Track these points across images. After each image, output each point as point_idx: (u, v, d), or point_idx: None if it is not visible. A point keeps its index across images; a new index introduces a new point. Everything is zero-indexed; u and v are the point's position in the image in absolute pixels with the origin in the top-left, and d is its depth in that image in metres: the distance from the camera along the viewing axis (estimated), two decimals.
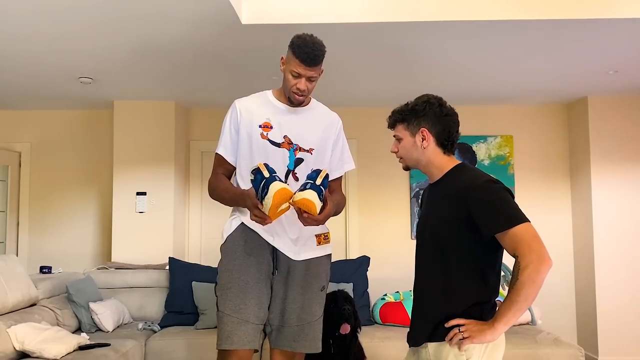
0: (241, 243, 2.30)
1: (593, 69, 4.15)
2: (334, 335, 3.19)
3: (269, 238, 2.29)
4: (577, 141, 5.21)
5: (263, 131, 2.30)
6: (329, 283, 2.46)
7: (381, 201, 5.34)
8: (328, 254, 2.44)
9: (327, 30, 3.27)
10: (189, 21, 3.11)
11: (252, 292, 2.25)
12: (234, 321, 2.23)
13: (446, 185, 1.91)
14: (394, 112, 2.00)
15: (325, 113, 2.47)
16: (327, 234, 2.40)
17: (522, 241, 1.71)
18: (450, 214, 1.83)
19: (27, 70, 4.05)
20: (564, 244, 5.28)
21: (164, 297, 4.50)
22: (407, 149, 1.97)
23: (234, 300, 2.24)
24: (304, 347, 2.32)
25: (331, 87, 4.48)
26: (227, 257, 2.32)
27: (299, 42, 2.21)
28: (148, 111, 5.05)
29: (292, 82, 2.25)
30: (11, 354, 3.18)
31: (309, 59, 2.19)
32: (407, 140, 1.96)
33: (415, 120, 1.94)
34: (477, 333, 1.72)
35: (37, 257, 5.22)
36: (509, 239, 1.73)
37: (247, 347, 2.23)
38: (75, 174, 5.42)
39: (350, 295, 3.44)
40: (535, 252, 1.68)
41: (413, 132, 1.95)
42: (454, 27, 3.25)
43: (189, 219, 5.37)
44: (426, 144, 1.93)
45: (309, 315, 2.32)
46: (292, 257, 2.31)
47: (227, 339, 2.23)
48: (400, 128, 1.98)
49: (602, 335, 4.84)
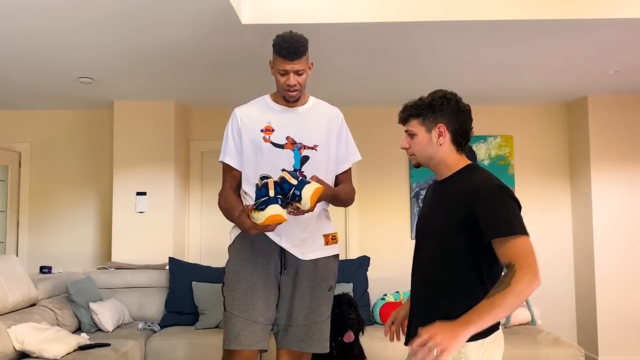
0: (248, 244, 2.31)
1: (593, 69, 4.15)
2: (337, 340, 3.18)
3: (276, 238, 2.29)
4: (577, 141, 5.21)
5: (265, 135, 2.31)
6: (336, 283, 2.47)
7: (381, 201, 5.34)
8: (336, 254, 2.45)
9: (327, 30, 3.28)
10: (189, 21, 3.11)
11: (259, 292, 2.26)
12: (242, 321, 2.23)
13: (454, 184, 1.86)
14: (407, 107, 1.93)
15: (325, 108, 2.48)
16: (334, 234, 2.41)
17: (522, 253, 1.65)
18: (455, 212, 1.79)
19: (27, 70, 4.05)
20: (564, 244, 5.28)
21: (164, 297, 4.50)
22: (422, 145, 1.90)
23: (241, 301, 2.25)
24: (311, 347, 2.33)
25: (331, 87, 4.48)
26: (234, 258, 2.34)
27: (278, 40, 2.25)
28: (148, 111, 5.05)
29: (282, 80, 2.27)
30: (11, 354, 3.18)
31: (290, 53, 2.22)
32: (422, 136, 1.89)
33: (432, 115, 1.87)
34: (449, 341, 1.56)
35: (37, 257, 5.22)
36: (508, 248, 1.67)
37: (254, 347, 2.23)
38: (75, 174, 5.42)
39: (353, 298, 3.42)
40: (532, 268, 1.63)
41: (429, 127, 1.87)
42: (454, 28, 3.25)
43: (189, 219, 5.37)
44: (442, 140, 1.87)
45: (317, 315, 2.33)
46: (300, 257, 2.31)
47: (234, 339, 2.23)
48: (415, 123, 1.90)
49: (602, 335, 4.84)
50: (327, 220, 2.44)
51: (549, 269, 5.23)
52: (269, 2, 3.16)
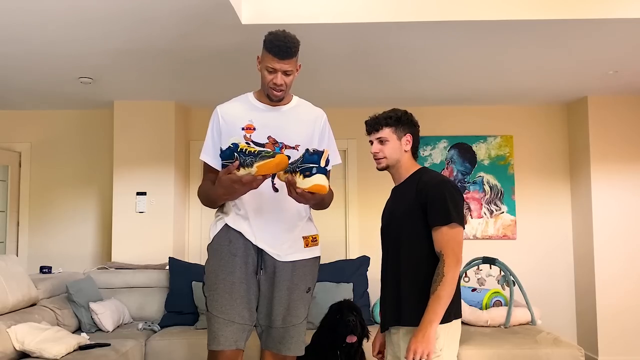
0: (226, 243, 2.29)
1: (593, 69, 4.15)
2: (341, 346, 3.18)
3: (252, 238, 2.27)
4: (577, 141, 5.21)
5: (246, 133, 2.29)
6: (315, 285, 2.45)
7: (381, 201, 5.27)
8: (316, 256, 2.42)
9: (327, 31, 3.28)
10: (189, 21, 3.11)
11: (237, 292, 2.24)
12: (220, 322, 2.23)
13: (410, 184, 2.24)
14: (379, 118, 2.28)
15: (308, 109, 2.45)
16: (315, 236, 2.39)
17: (448, 242, 2.06)
18: (411, 206, 2.17)
19: (27, 70, 4.05)
20: (564, 243, 5.28)
21: (164, 297, 4.50)
22: (394, 150, 2.27)
23: (220, 301, 2.24)
24: (289, 350, 2.31)
25: (332, 87, 4.47)
26: (212, 258, 2.32)
27: (270, 37, 2.23)
28: (148, 111, 5.06)
29: (269, 78, 2.25)
30: (11, 354, 3.18)
31: (282, 52, 2.20)
32: (394, 143, 2.27)
33: (402, 126, 2.27)
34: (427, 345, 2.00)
35: (37, 257, 5.22)
36: (438, 236, 2.09)
37: (233, 347, 2.22)
38: (75, 174, 5.42)
39: (355, 304, 3.41)
40: (457, 257, 2.06)
41: (399, 136, 2.26)
42: (454, 28, 3.25)
43: (189, 219, 5.37)
44: (407, 147, 2.27)
45: (294, 317, 2.31)
46: (278, 258, 2.29)
47: (214, 339, 2.23)
48: (388, 131, 2.26)
49: (602, 335, 4.85)
50: (308, 222, 2.41)
51: (548, 269, 5.25)
52: (269, 2, 3.16)
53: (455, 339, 2.18)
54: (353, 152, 5.29)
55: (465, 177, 5.33)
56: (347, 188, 5.29)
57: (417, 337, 2.01)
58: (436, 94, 4.84)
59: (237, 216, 2.29)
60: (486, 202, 5.28)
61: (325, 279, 4.37)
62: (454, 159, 5.35)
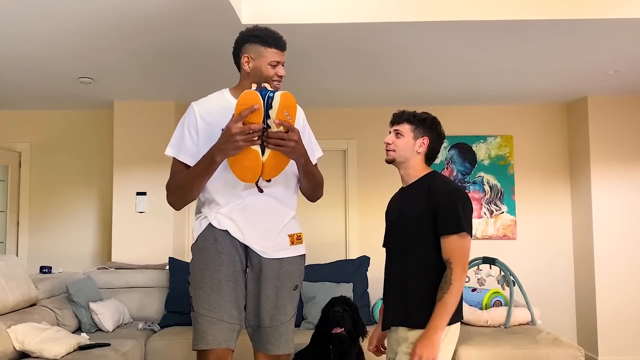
0: (212, 241, 2.27)
1: (593, 69, 4.15)
2: (333, 340, 3.16)
3: (239, 236, 2.26)
4: (577, 141, 5.21)
5: None
6: (302, 283, 2.44)
7: (381, 201, 5.27)
8: (302, 254, 2.41)
9: (327, 31, 3.28)
10: (189, 21, 3.11)
11: (224, 290, 2.22)
12: (208, 320, 2.19)
13: (420, 188, 2.24)
14: (405, 113, 2.28)
15: None
16: (299, 235, 2.39)
17: (457, 252, 2.10)
18: (421, 212, 2.17)
19: (27, 70, 4.05)
20: (564, 244, 5.28)
21: (164, 297, 4.50)
22: (405, 146, 2.26)
23: (206, 300, 2.22)
24: (278, 349, 2.29)
25: (332, 87, 4.47)
26: (198, 256, 2.30)
27: (262, 33, 2.25)
28: (148, 111, 5.06)
29: (272, 72, 2.25)
30: (11, 354, 3.18)
31: (283, 43, 2.25)
32: (408, 140, 2.25)
33: (422, 128, 2.26)
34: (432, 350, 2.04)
35: (37, 257, 5.22)
36: (447, 244, 2.11)
37: (222, 346, 2.19)
38: (75, 174, 5.42)
39: (351, 300, 3.38)
40: (464, 266, 2.10)
41: (416, 136, 2.26)
42: (455, 28, 3.25)
43: (189, 219, 5.37)
44: (421, 150, 2.26)
45: (283, 315, 2.29)
46: (264, 256, 2.28)
47: (201, 338, 2.19)
48: (407, 127, 2.26)
49: (602, 335, 4.85)
50: (293, 220, 2.40)
51: (549, 269, 5.25)
52: (269, 2, 3.16)
53: (452, 342, 2.21)
54: (353, 152, 5.29)
55: (465, 177, 5.33)
56: (347, 188, 5.29)
57: (422, 342, 2.06)
58: (436, 94, 4.84)
59: (220, 215, 2.27)
60: (486, 202, 5.29)
61: (325, 279, 4.38)
62: (454, 159, 5.35)
